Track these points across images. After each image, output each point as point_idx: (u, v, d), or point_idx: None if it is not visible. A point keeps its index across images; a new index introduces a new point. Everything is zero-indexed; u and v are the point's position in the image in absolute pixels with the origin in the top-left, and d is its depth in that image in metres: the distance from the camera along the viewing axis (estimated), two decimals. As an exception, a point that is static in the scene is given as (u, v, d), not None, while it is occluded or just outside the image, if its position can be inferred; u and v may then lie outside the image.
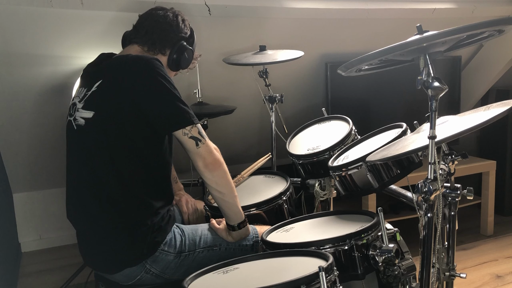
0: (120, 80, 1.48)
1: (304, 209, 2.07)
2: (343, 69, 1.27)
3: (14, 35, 2.02)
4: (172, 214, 1.60)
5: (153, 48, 1.64)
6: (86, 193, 1.53)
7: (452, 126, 1.27)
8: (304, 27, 2.57)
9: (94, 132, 1.48)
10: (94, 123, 1.48)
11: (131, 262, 1.49)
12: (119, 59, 1.57)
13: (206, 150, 1.49)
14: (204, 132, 1.52)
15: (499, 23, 1.08)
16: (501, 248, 2.96)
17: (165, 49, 1.65)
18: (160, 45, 1.64)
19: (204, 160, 1.49)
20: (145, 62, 1.48)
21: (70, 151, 1.59)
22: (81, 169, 1.53)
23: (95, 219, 1.52)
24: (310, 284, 1.10)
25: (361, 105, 2.95)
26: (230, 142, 2.99)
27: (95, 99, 1.50)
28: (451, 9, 2.82)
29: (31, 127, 2.43)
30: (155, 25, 1.64)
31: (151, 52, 1.64)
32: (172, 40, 1.65)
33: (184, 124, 1.47)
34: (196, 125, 1.49)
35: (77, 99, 1.55)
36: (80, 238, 1.60)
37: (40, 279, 2.63)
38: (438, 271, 1.38)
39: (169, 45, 1.65)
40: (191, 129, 1.48)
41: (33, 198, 2.85)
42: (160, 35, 1.64)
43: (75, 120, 1.52)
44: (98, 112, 1.48)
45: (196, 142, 1.48)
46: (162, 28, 1.64)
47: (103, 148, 1.47)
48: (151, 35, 1.63)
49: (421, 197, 1.20)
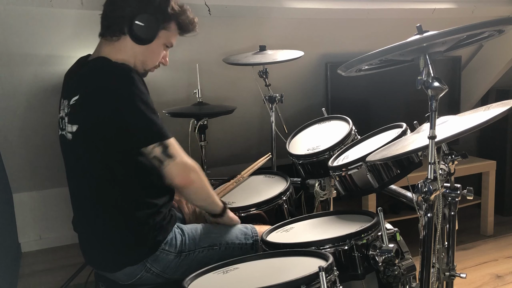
0: (94, 98, 1.44)
1: (304, 209, 2.07)
2: (343, 69, 1.27)
3: (14, 35, 2.02)
4: (174, 213, 1.60)
5: (111, 33, 1.52)
6: (86, 201, 1.54)
7: (452, 126, 1.27)
8: (304, 27, 2.57)
9: (84, 144, 1.48)
10: (81, 136, 1.47)
11: (132, 261, 1.49)
12: (89, 70, 1.51)
13: (171, 172, 1.45)
14: (175, 149, 1.46)
15: (499, 23, 1.08)
16: (501, 248, 2.96)
17: (123, 28, 1.51)
18: (115, 26, 1.52)
19: (172, 180, 1.47)
20: (111, 78, 1.43)
21: (66, 163, 1.59)
22: (79, 180, 1.54)
23: (96, 222, 1.53)
24: (310, 284, 1.10)
25: (361, 105, 2.95)
26: (230, 142, 2.99)
27: (76, 113, 1.48)
28: (451, 9, 2.82)
29: (31, 126, 2.43)
30: (108, 8, 1.54)
31: (114, 38, 1.52)
32: (126, 16, 1.50)
33: (146, 143, 1.42)
34: (162, 143, 1.43)
35: (63, 112, 1.54)
36: (81, 237, 1.61)
37: (40, 279, 2.63)
38: (438, 271, 1.38)
39: (125, 22, 1.51)
40: (152, 149, 1.42)
41: (33, 198, 2.85)
42: (113, 15, 1.52)
43: (66, 134, 1.52)
44: (81, 126, 1.47)
45: (160, 163, 1.44)
46: (114, 8, 1.53)
47: (95, 158, 1.47)
48: (107, 20, 1.54)
49: (421, 197, 1.20)
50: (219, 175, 2.31)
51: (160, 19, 1.54)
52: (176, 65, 2.42)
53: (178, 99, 2.54)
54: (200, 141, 2.30)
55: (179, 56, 2.38)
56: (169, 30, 1.58)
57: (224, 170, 2.96)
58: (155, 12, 1.53)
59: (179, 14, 1.58)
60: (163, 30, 1.56)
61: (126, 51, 1.54)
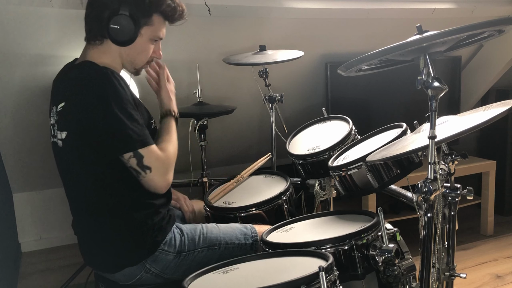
0: (76, 105, 1.42)
1: (304, 209, 2.07)
2: (343, 69, 1.27)
3: (14, 35, 2.02)
4: (173, 214, 1.60)
5: (93, 37, 1.49)
6: (82, 205, 1.54)
7: (452, 126, 1.27)
8: (304, 27, 2.57)
9: (73, 150, 1.47)
10: (69, 142, 1.47)
11: (131, 261, 1.49)
12: (73, 76, 1.48)
13: (148, 184, 1.45)
14: (152, 159, 1.42)
15: (499, 23, 1.08)
16: (501, 248, 2.96)
17: (103, 31, 1.46)
18: (95, 30, 1.48)
19: (150, 190, 1.47)
20: (90, 85, 1.40)
21: (60, 169, 1.58)
22: (73, 185, 1.54)
23: (94, 225, 1.53)
24: (310, 284, 1.10)
25: (361, 105, 2.95)
26: (230, 142, 2.99)
27: (63, 121, 1.48)
28: (451, 9, 2.82)
29: (31, 126, 2.43)
30: (87, 10, 1.50)
31: (98, 42, 1.49)
32: (104, 19, 1.45)
33: (120, 151, 1.40)
34: (137, 152, 1.39)
35: (53, 119, 1.53)
36: (80, 238, 1.61)
37: (40, 279, 2.63)
38: (438, 271, 1.38)
39: (103, 26, 1.45)
40: (128, 159, 1.40)
41: (33, 198, 2.85)
42: (91, 18, 1.48)
43: (57, 141, 1.51)
44: (69, 132, 1.46)
45: (137, 174, 1.43)
46: (91, 10, 1.48)
47: (86, 164, 1.46)
48: (87, 23, 1.50)
49: (421, 197, 1.20)
50: (219, 175, 2.32)
51: (139, 16, 1.48)
52: (176, 65, 2.42)
53: (178, 99, 2.51)
54: (200, 141, 2.30)
55: (179, 56, 2.38)
56: (152, 24, 1.51)
57: (224, 170, 2.96)
58: (131, 9, 1.45)
59: (158, 4, 1.49)
60: (145, 26, 1.50)
61: (111, 54, 1.51)
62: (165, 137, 1.55)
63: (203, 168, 2.34)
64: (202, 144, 2.31)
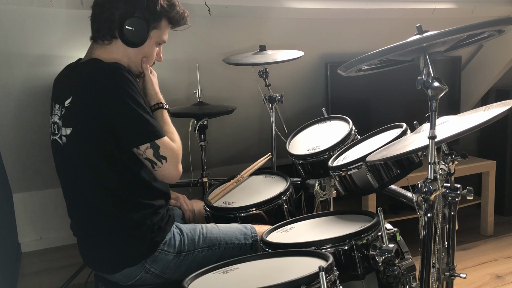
0: (86, 98, 1.44)
1: (304, 209, 2.07)
2: (343, 69, 1.27)
3: (14, 35, 2.02)
4: (172, 214, 1.60)
5: (102, 37, 1.52)
6: (82, 206, 1.54)
7: (452, 126, 1.27)
8: (304, 27, 2.57)
9: (77, 147, 1.48)
10: (74, 139, 1.48)
11: (130, 262, 1.49)
12: (81, 71, 1.51)
13: (163, 174, 1.48)
14: (167, 149, 1.46)
15: (499, 23, 1.08)
16: (501, 248, 2.96)
17: (113, 32, 1.51)
18: (105, 30, 1.51)
19: (163, 180, 1.51)
20: (103, 77, 1.43)
21: (59, 169, 1.58)
22: (73, 185, 1.55)
23: (93, 225, 1.53)
24: (310, 284, 1.10)
25: (361, 105, 2.95)
26: (230, 142, 2.99)
27: (70, 116, 1.48)
28: (451, 9, 2.82)
29: (31, 126, 2.42)
30: (96, 10, 1.53)
31: (106, 42, 1.52)
32: (115, 20, 1.49)
33: (137, 143, 1.43)
34: (154, 143, 1.43)
35: (55, 117, 1.53)
36: (80, 239, 1.61)
37: (40, 279, 2.63)
38: (438, 271, 1.38)
39: (115, 26, 1.50)
40: (145, 151, 1.44)
41: (33, 198, 2.85)
42: (102, 18, 1.51)
43: (61, 138, 1.51)
44: (75, 128, 1.47)
45: (152, 165, 1.47)
46: (102, 10, 1.51)
47: (88, 162, 1.47)
48: (96, 22, 1.53)
49: (421, 197, 1.20)
50: (219, 175, 2.31)
51: (150, 19, 1.53)
52: (176, 65, 2.42)
53: (178, 99, 2.54)
54: (200, 141, 2.30)
55: (179, 56, 2.38)
56: (160, 28, 1.57)
57: (224, 170, 2.95)
58: (144, 13, 1.51)
59: (168, 10, 1.56)
60: (154, 29, 1.56)
61: (118, 53, 1.54)
62: (168, 129, 1.57)
63: (203, 168, 2.34)
64: (202, 144, 2.31)
